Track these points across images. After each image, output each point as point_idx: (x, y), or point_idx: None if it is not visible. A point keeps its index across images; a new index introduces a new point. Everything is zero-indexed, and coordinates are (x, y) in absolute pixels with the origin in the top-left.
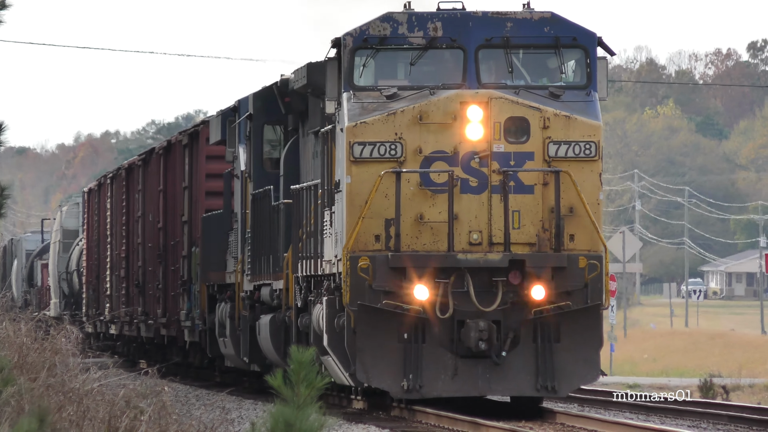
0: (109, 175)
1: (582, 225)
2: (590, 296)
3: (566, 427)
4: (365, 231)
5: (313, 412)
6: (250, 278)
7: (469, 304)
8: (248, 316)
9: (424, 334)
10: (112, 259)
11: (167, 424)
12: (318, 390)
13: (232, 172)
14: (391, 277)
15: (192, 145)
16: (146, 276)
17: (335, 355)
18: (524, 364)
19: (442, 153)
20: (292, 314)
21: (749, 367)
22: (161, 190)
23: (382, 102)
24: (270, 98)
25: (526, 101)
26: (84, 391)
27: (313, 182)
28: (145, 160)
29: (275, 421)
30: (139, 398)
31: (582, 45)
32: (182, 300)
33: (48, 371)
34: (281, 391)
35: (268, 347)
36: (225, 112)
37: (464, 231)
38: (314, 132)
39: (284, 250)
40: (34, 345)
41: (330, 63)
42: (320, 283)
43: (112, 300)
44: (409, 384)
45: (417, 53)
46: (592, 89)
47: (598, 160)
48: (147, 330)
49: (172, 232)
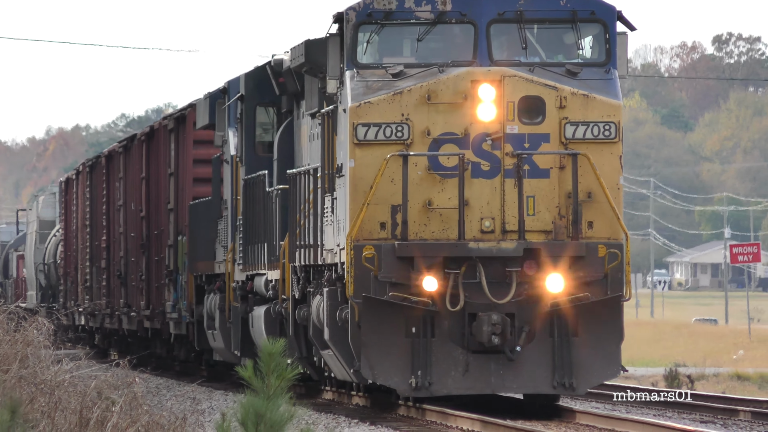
0: (88, 163)
1: (601, 211)
2: (610, 287)
3: (589, 427)
4: (370, 218)
5: (283, 402)
6: (242, 268)
7: (482, 296)
8: (240, 307)
9: (434, 328)
10: (92, 250)
11: (138, 414)
12: (288, 381)
13: (221, 157)
14: (397, 268)
15: (178, 129)
16: (128, 267)
17: (337, 350)
18: (540, 359)
19: (451, 135)
20: (289, 306)
21: (714, 356)
22: (144, 178)
23: (387, 80)
24: (263, 79)
25: (541, 79)
26: (56, 383)
27: (312, 166)
28: (126, 147)
29: (245, 411)
30: (111, 389)
31: (601, 19)
32: (167, 291)
33: (20, 363)
34: (251, 382)
35: (264, 342)
36: (213, 94)
37: (476, 218)
38: (311, 113)
39: (280, 239)
40: (5, 337)
41: (332, 39)
42: (320, 274)
43: (92, 291)
44: (417, 381)
45: (425, 28)
46: (612, 66)
47: (618, 142)
48: (129, 322)
49: (156, 221)
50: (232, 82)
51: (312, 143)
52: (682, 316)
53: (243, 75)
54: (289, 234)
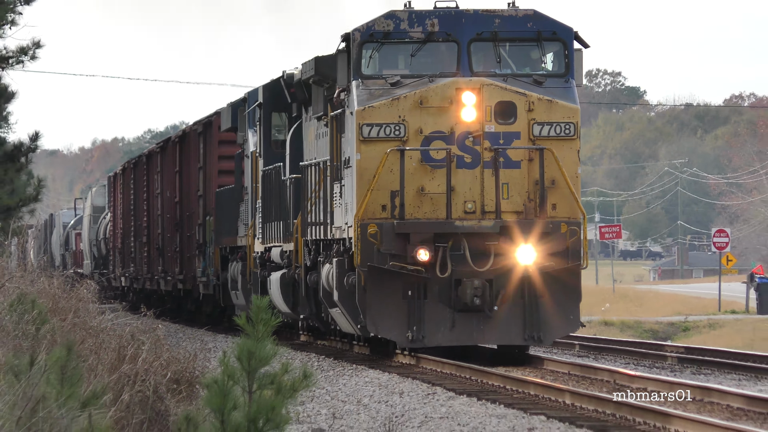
0: (132, 161)
1: (563, 195)
2: (571, 258)
3: (554, 372)
4: (373, 202)
5: (268, 344)
6: (261, 241)
7: (465, 265)
8: (259, 272)
9: (426, 292)
10: (136, 228)
11: (161, 351)
12: (272, 327)
13: (242, 153)
14: (396, 242)
15: (206, 132)
16: (165, 241)
17: (345, 308)
18: (513, 317)
19: (440, 133)
20: (302, 272)
21: (587, 308)
22: (177, 171)
23: (387, 89)
24: (277, 89)
25: (513, 87)
26: (100, 328)
27: (319, 159)
28: (163, 147)
29: (240, 350)
30: (141, 333)
31: (561, 38)
32: (198, 260)
33: (74, 314)
34: (245, 328)
35: (279, 300)
36: (235, 103)
37: (460, 201)
38: (317, 117)
39: (294, 218)
40: (63, 294)
41: (340, 55)
42: (329, 247)
43: (135, 261)
44: (413, 335)
45: (417, 46)
46: (570, 77)
47: (577, 139)
48: (166, 284)
49: (187, 205)
50: (251, 93)
51: (318, 141)
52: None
53: (261, 86)
54: (301, 213)
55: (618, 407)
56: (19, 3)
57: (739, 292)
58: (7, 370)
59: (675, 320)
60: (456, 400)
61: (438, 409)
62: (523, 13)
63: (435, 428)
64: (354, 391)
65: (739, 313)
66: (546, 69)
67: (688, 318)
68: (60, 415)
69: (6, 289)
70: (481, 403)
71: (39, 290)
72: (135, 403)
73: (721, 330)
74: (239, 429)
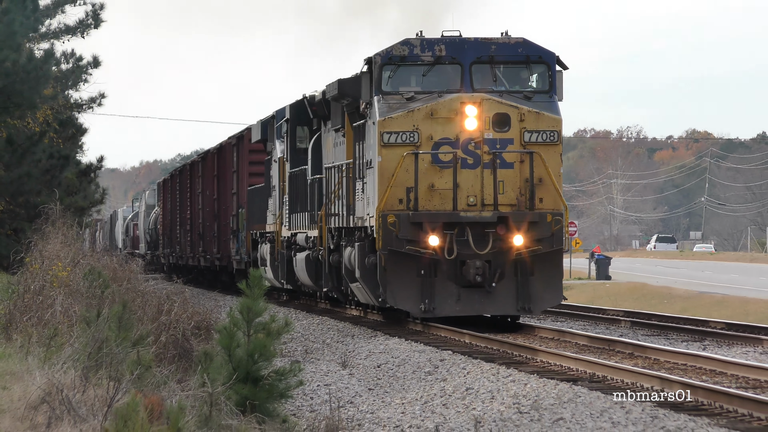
0: (177, 170)
1: (548, 191)
2: (554, 242)
3: (543, 338)
4: (392, 196)
5: (261, 302)
6: (288, 228)
7: (469, 249)
8: (286, 252)
9: (436, 271)
10: (181, 219)
11: (188, 307)
12: (263, 289)
13: (270, 159)
14: (411, 230)
15: (238, 144)
16: (205, 229)
17: (365, 284)
18: (508, 291)
19: (447, 139)
20: (325, 253)
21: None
22: (215, 175)
23: (403, 103)
24: (301, 107)
25: (507, 101)
26: (146, 291)
27: (338, 163)
28: (203, 157)
29: (242, 306)
30: (173, 294)
31: (545, 61)
32: (232, 243)
33: (127, 281)
34: (245, 290)
35: (304, 275)
36: (264, 120)
37: (464, 196)
38: (335, 129)
39: (318, 210)
40: (120, 267)
41: (364, 75)
42: (351, 233)
43: (181, 244)
44: (425, 306)
45: (427, 67)
46: (554, 93)
47: (559, 144)
48: (205, 262)
49: (223, 201)
50: (279, 111)
51: (336, 148)
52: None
53: (288, 105)
54: (324, 205)
55: (501, 344)
56: (90, 66)
57: (583, 265)
58: (81, 320)
59: None
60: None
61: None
62: (515, 41)
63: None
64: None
65: (584, 279)
66: (533, 87)
67: None
68: (118, 351)
69: (81, 264)
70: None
71: (103, 265)
72: (169, 343)
73: (572, 291)
74: (241, 360)
